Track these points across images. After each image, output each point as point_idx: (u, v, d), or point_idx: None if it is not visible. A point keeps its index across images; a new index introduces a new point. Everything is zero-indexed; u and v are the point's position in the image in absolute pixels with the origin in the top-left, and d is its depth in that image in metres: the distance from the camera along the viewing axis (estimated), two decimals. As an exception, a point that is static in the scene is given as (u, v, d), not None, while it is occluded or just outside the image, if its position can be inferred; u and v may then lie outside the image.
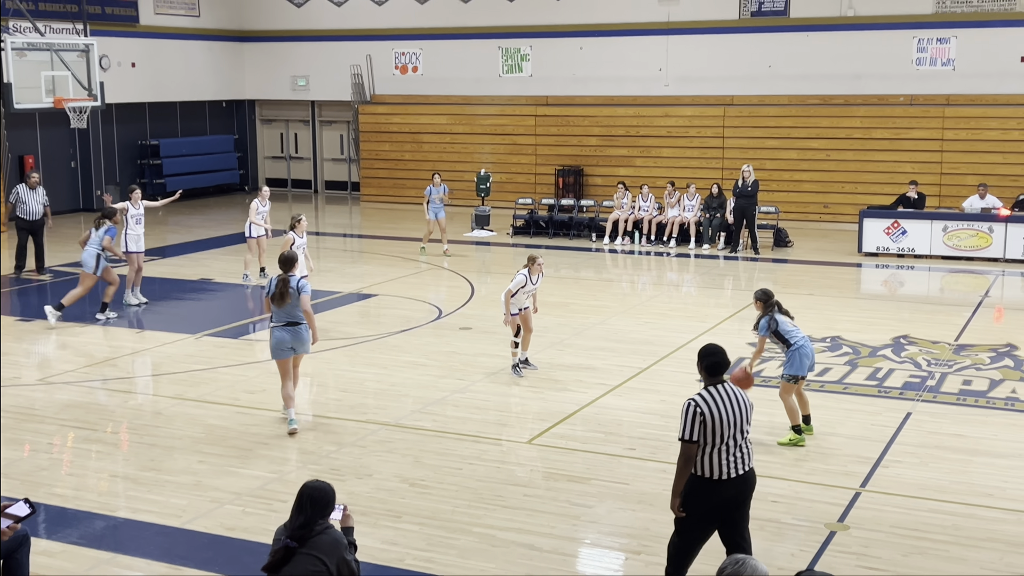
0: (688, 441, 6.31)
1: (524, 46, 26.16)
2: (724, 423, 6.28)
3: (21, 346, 13.39)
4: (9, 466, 9.16)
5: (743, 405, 6.41)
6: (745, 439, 6.41)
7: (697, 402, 6.34)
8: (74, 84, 19.29)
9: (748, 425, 6.42)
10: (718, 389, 6.39)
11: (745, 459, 6.40)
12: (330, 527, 5.46)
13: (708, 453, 6.31)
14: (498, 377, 11.74)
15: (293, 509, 5.41)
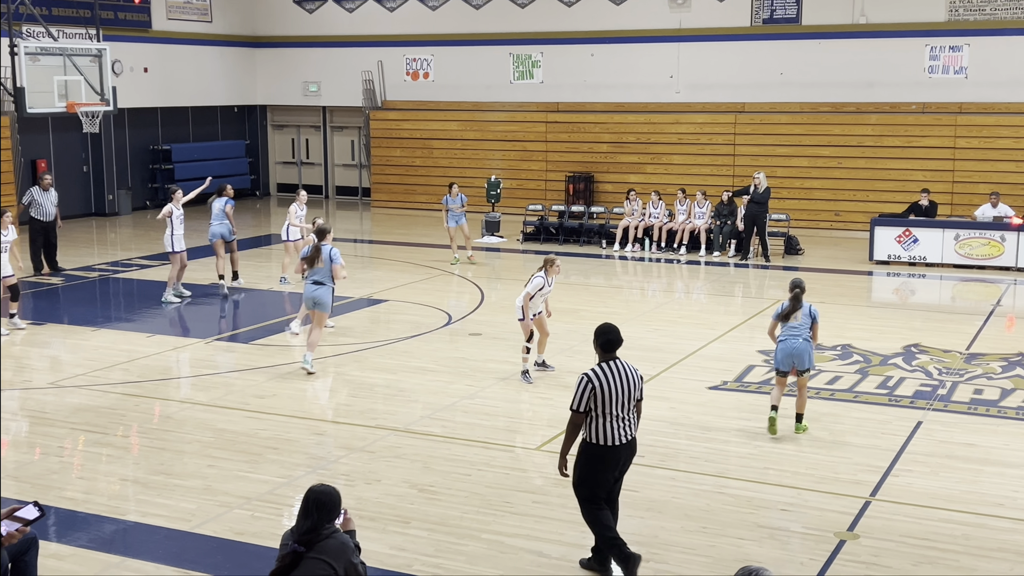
0: (576, 411, 6.98)
1: (535, 52, 26.19)
2: (614, 395, 6.93)
3: (32, 349, 13.43)
4: (19, 469, 9.19)
5: (632, 380, 7.05)
6: (631, 411, 7.06)
7: (590, 376, 6.98)
8: (87, 89, 19.38)
9: (637, 395, 7.10)
10: (610, 365, 7.05)
11: (630, 428, 7.06)
12: (337, 531, 5.47)
13: (600, 422, 6.95)
14: (508, 383, 11.73)
15: (299, 514, 5.41)
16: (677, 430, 10.20)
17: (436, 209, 25.78)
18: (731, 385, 11.72)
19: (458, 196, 19.29)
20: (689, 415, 10.64)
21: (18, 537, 3.88)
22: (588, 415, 6.97)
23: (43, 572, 6.89)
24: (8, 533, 3.83)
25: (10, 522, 3.87)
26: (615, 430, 6.98)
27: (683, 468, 9.20)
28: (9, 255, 14.01)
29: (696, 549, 7.58)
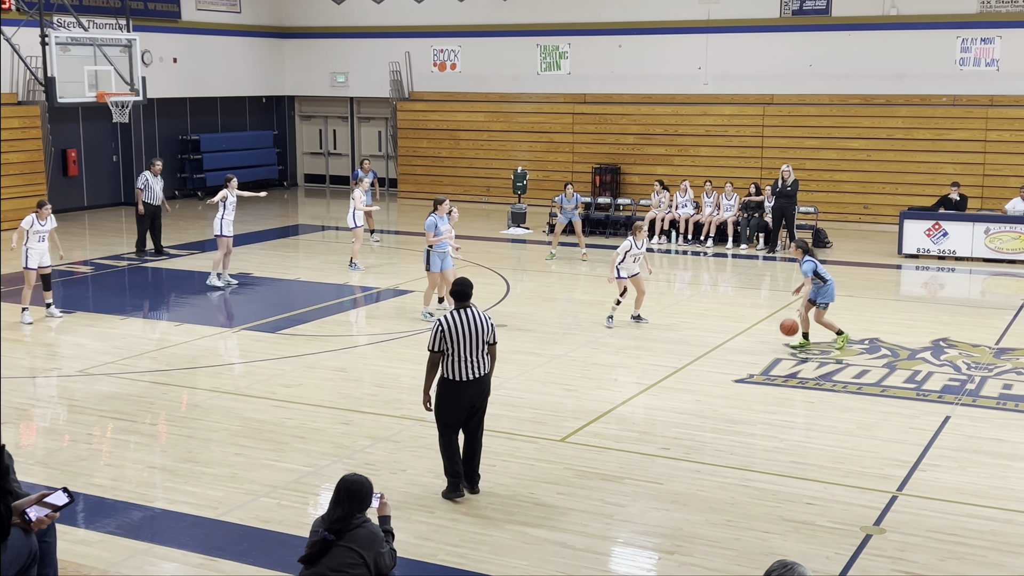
0: (431, 351, 8.09)
1: (562, 43, 26.13)
2: (463, 338, 8.02)
3: (62, 337, 13.56)
4: (49, 456, 9.29)
5: (480, 326, 8.12)
6: (482, 352, 8.12)
7: (442, 321, 8.11)
8: (116, 79, 19.53)
9: (488, 339, 8.14)
10: (461, 312, 8.12)
11: (482, 367, 8.14)
12: (367, 521, 5.51)
13: (452, 360, 8.06)
14: (533, 374, 11.74)
15: (331, 502, 5.45)
16: (702, 423, 10.18)
17: (463, 200, 25.84)
18: (757, 378, 11.68)
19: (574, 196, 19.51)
20: (715, 408, 10.61)
21: (47, 523, 3.93)
22: (443, 355, 8.05)
23: (71, 558, 6.96)
24: (37, 519, 3.87)
25: (39, 508, 3.91)
26: (465, 367, 8.06)
27: (708, 461, 9.18)
28: (49, 243, 14.19)
29: (721, 542, 7.57)
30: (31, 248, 14.02)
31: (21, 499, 3.98)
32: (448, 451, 8.25)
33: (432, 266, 14.04)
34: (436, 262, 14.02)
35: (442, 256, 14.06)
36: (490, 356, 8.26)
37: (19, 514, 3.83)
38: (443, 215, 14.07)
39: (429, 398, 8.27)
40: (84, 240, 21.48)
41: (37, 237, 14.05)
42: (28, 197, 21.75)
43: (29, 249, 14.02)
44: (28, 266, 14.04)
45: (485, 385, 8.26)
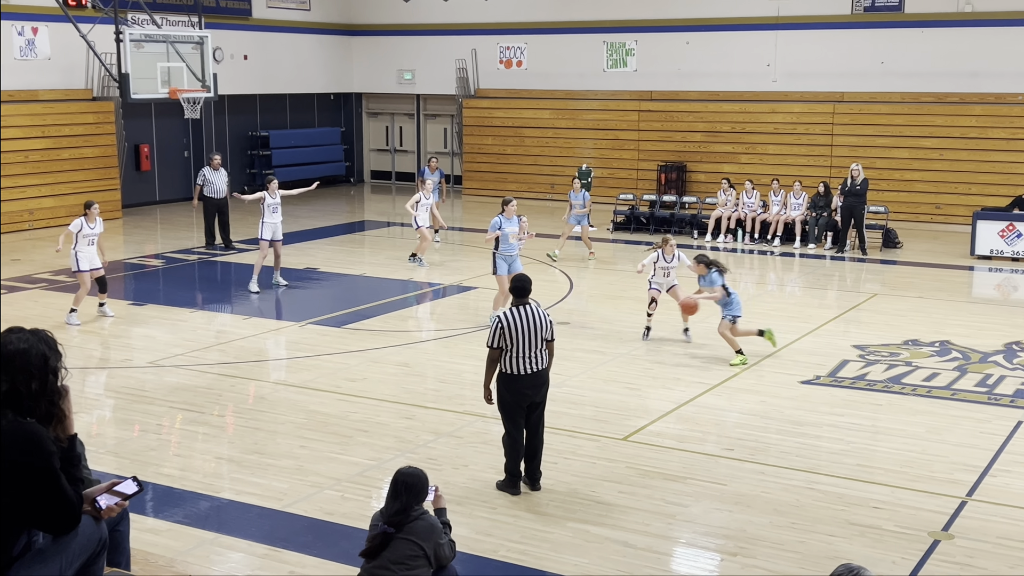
0: (490, 347, 8.20)
1: (629, 40, 26.01)
2: (522, 334, 8.11)
3: (133, 329, 13.83)
4: (119, 445, 9.49)
5: (539, 322, 8.19)
6: (540, 348, 8.21)
7: (501, 318, 8.17)
8: (188, 76, 19.86)
9: (546, 335, 8.22)
10: (520, 309, 8.22)
11: (539, 362, 8.22)
12: (426, 512, 5.55)
13: (511, 356, 8.15)
14: (595, 372, 11.71)
15: (388, 496, 5.49)
16: (767, 424, 10.07)
17: (527, 197, 25.84)
18: (824, 380, 11.52)
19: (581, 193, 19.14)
20: (780, 409, 10.49)
21: (117, 511, 4.00)
22: (503, 351, 8.15)
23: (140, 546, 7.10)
24: (107, 507, 3.95)
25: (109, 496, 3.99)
26: (523, 362, 8.16)
27: (773, 463, 9.07)
28: (96, 248, 13.92)
29: (785, 545, 7.48)
30: (80, 251, 13.73)
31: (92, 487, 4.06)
32: (511, 448, 8.34)
33: (499, 269, 13.67)
34: (502, 266, 13.65)
35: (509, 260, 13.64)
36: (548, 352, 8.34)
37: (90, 502, 3.91)
38: (510, 216, 13.75)
39: (490, 392, 8.40)
40: (155, 234, 21.90)
41: (86, 240, 13.76)
42: (103, 192, 22.27)
43: (78, 252, 13.73)
44: (80, 269, 13.75)
45: (543, 379, 8.34)
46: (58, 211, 21.55)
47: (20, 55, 21.67)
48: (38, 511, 3.59)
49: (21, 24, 21.57)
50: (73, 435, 3.96)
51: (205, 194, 19.20)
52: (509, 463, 8.36)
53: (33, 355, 3.70)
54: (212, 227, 19.66)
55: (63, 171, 21.98)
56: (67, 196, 21.79)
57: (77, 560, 3.77)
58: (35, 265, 17.87)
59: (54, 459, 3.62)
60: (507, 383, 8.25)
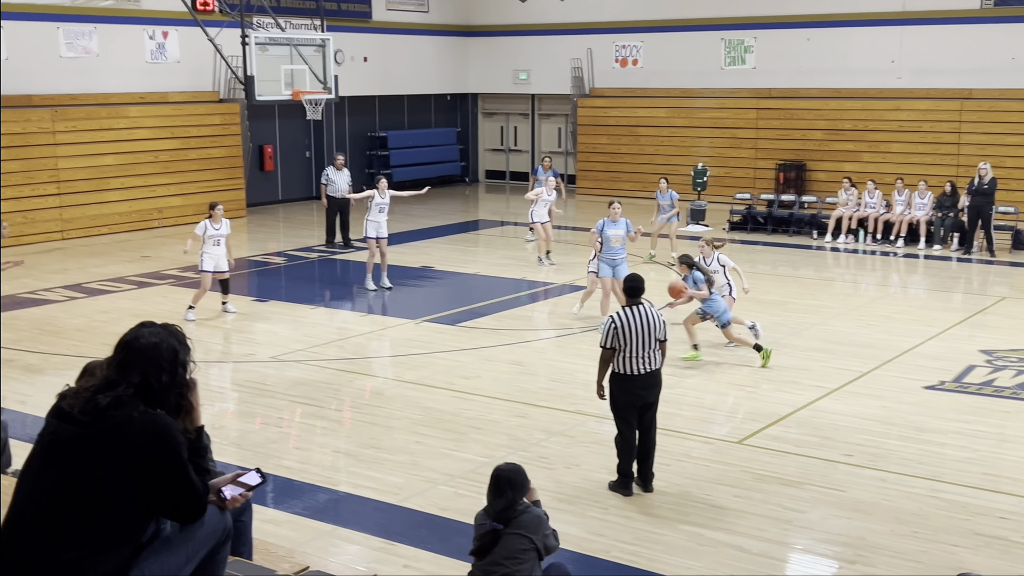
0: (603, 347, 8.22)
1: (748, 38, 25.62)
2: (635, 334, 8.11)
3: (256, 324, 14.21)
4: (242, 437, 9.77)
5: (652, 323, 8.19)
6: (653, 348, 8.19)
7: (614, 318, 8.19)
8: (311, 77, 20.32)
9: (659, 336, 8.22)
10: (633, 309, 8.24)
11: (652, 362, 8.22)
12: (530, 506, 5.59)
13: (623, 356, 8.15)
14: (710, 375, 11.58)
15: (491, 494, 5.55)
16: (889, 430, 9.81)
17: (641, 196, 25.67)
18: (949, 385, 11.16)
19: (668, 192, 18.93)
20: (902, 415, 10.20)
21: (241, 501, 4.11)
22: (616, 351, 8.14)
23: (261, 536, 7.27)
24: (232, 497, 4.07)
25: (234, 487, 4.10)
26: (637, 362, 8.14)
27: (894, 470, 8.83)
28: (224, 248, 14.19)
29: (906, 554, 7.27)
30: (206, 251, 14.05)
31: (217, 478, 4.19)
32: (623, 448, 8.32)
33: (601, 271, 13.63)
34: (605, 268, 13.58)
35: (612, 263, 13.54)
36: (661, 352, 8.33)
37: (215, 492, 4.02)
38: (615, 219, 13.63)
39: (603, 390, 8.43)
40: (278, 232, 22.47)
41: (212, 241, 14.06)
42: (228, 191, 22.96)
43: (204, 252, 14.06)
44: (204, 268, 14.07)
45: (655, 380, 8.32)
46: (186, 209, 22.30)
47: (151, 58, 22.48)
48: (167, 500, 3.72)
49: (152, 28, 22.39)
50: (200, 427, 4.10)
51: (328, 193, 19.62)
52: (622, 463, 8.34)
53: (164, 349, 3.83)
54: (333, 226, 20.09)
55: (191, 171, 22.73)
56: (194, 195, 22.53)
57: (203, 548, 3.90)
58: (163, 262, 18.52)
59: (183, 450, 3.75)
60: (620, 383, 8.25)
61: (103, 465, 3.62)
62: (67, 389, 3.86)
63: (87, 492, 3.60)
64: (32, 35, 20.23)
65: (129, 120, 21.69)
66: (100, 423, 3.65)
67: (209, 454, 4.23)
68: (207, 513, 3.87)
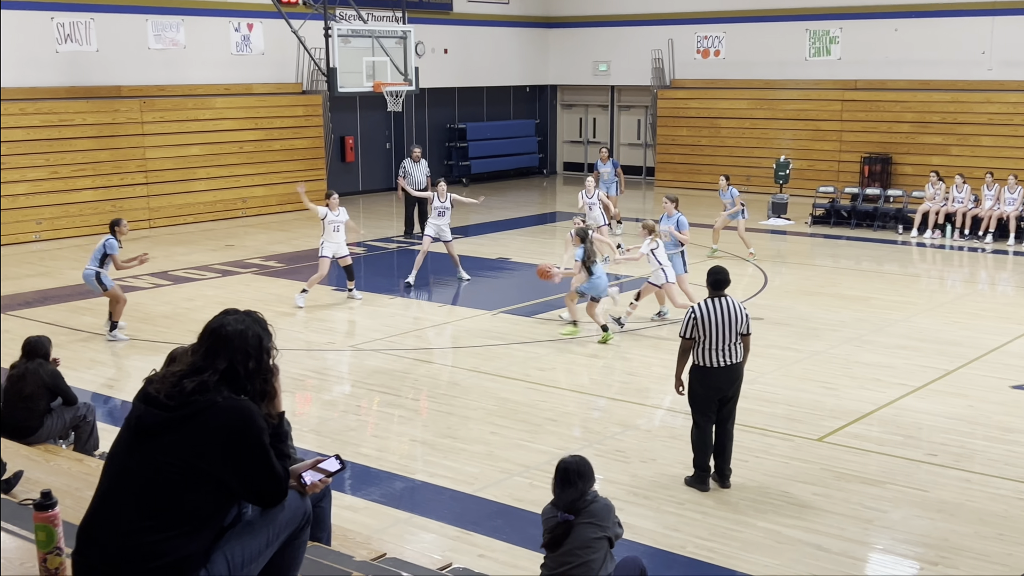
0: (682, 337, 8.16)
1: (833, 28, 25.15)
2: (715, 326, 8.02)
3: (336, 314, 14.39)
4: (321, 424, 9.91)
5: (735, 315, 8.10)
6: (734, 341, 8.09)
7: (695, 308, 8.15)
8: (392, 69, 20.46)
9: (741, 329, 8.12)
10: (716, 300, 8.14)
11: (733, 355, 8.11)
12: (597, 494, 5.61)
13: (703, 348, 8.08)
14: (789, 370, 11.42)
15: (558, 486, 5.57)
16: (974, 429, 9.58)
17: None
18: (1038, 385, 10.85)
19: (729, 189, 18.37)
20: (988, 415, 9.95)
21: (321, 487, 4.17)
22: (695, 342, 8.08)
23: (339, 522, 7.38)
24: (312, 483, 4.13)
25: (314, 472, 4.16)
26: (716, 355, 8.06)
27: (979, 470, 8.62)
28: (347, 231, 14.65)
29: (990, 556, 7.10)
30: (326, 239, 14.52)
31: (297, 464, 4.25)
32: (700, 443, 8.25)
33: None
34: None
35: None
36: (743, 346, 8.21)
37: (296, 477, 4.08)
38: (671, 214, 13.68)
39: (681, 382, 8.35)
40: (357, 223, 22.63)
41: (332, 227, 14.53)
42: (310, 181, 23.21)
43: (324, 240, 14.55)
44: (323, 254, 14.50)
45: (736, 374, 8.20)
46: (268, 200, 22.67)
47: (236, 50, 22.87)
48: (249, 484, 3.79)
49: (238, 20, 22.77)
50: (281, 412, 4.17)
51: (405, 185, 19.78)
52: (698, 458, 8.26)
53: (250, 335, 3.90)
54: (411, 217, 20.24)
55: (274, 161, 23.09)
56: (277, 186, 22.90)
57: (283, 532, 3.96)
58: (247, 251, 18.85)
59: (265, 435, 3.81)
60: (699, 375, 8.17)
61: (188, 449, 3.69)
62: (154, 374, 3.95)
63: (172, 475, 3.68)
64: (122, 27, 20.71)
65: (214, 111, 22.11)
66: (185, 408, 3.73)
67: (290, 440, 4.29)
68: (288, 498, 3.93)
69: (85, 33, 20.25)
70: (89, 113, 20.09)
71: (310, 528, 4.19)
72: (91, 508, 3.81)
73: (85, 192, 20.06)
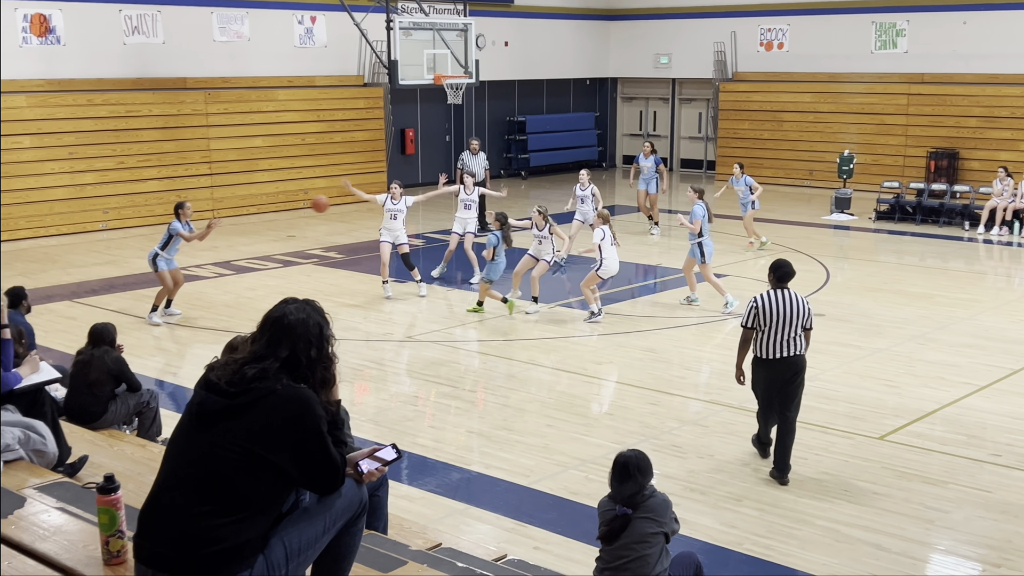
0: (744, 327, 8.25)
1: (900, 20, 24.72)
2: (776, 317, 8.08)
3: (395, 305, 14.46)
4: (379, 414, 9.98)
5: (797, 308, 8.14)
6: (795, 334, 8.13)
7: (756, 299, 8.21)
8: (452, 62, 20.51)
9: (803, 322, 8.14)
10: (777, 292, 8.20)
11: (793, 347, 8.16)
12: (656, 490, 5.59)
13: (763, 338, 8.17)
14: (851, 367, 11.26)
15: (616, 479, 5.55)
16: (1041, 431, 9.37)
17: (783, 183, 25.14)
18: (1109, 387, 10.58)
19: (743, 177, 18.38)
20: (1056, 416, 9.73)
21: (377, 476, 4.20)
22: (756, 332, 8.18)
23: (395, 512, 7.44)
24: (368, 471, 4.16)
25: (371, 461, 4.19)
26: (776, 346, 8.13)
27: (1046, 473, 8.44)
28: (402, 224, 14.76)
29: (1057, 561, 6.94)
30: (384, 226, 14.71)
31: (354, 452, 4.28)
32: (762, 419, 8.59)
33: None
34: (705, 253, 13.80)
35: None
36: (804, 339, 8.26)
37: (352, 466, 4.12)
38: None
39: (742, 372, 8.45)
40: (417, 215, 22.77)
41: (389, 215, 14.69)
42: (370, 173, 23.43)
43: (382, 227, 14.74)
44: (382, 240, 14.75)
45: (796, 366, 8.24)
46: (330, 191, 22.84)
47: (299, 43, 23.08)
48: (307, 471, 3.83)
49: (301, 13, 22.97)
50: (338, 400, 4.20)
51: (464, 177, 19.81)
52: (759, 430, 8.66)
53: (311, 324, 3.95)
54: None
55: (335, 153, 23.27)
56: (338, 177, 23.04)
57: (340, 520, 4.00)
58: (308, 242, 19.04)
59: (323, 423, 3.85)
60: (759, 366, 8.28)
61: (248, 436, 3.74)
62: (215, 361, 4.01)
63: (231, 461, 3.73)
64: (188, 20, 21.00)
65: (277, 103, 22.34)
66: (246, 395, 3.77)
67: (347, 428, 4.33)
68: (345, 486, 3.97)
69: (152, 25, 20.57)
70: (155, 104, 20.41)
71: (366, 516, 4.22)
72: (152, 492, 3.87)
73: (151, 182, 20.38)
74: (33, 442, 6.12)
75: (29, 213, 18.78)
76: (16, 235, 18.55)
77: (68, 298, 14.54)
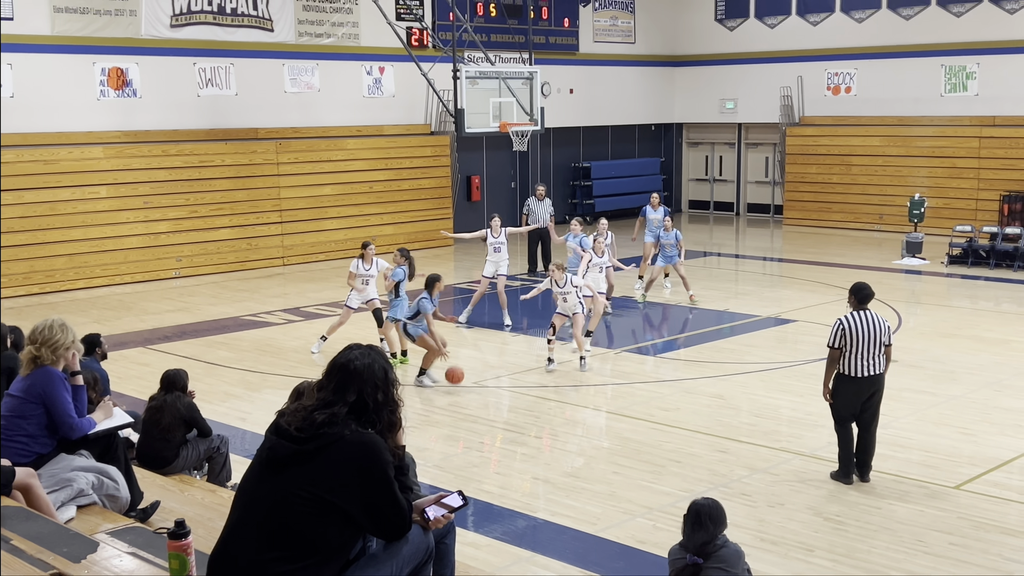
0: (830, 347, 8.86)
1: (970, 63, 24.42)
2: (860, 337, 8.71)
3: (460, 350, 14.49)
4: (445, 460, 9.98)
5: (878, 327, 8.80)
6: (878, 352, 8.77)
7: (842, 320, 8.84)
8: (518, 110, 20.69)
9: (885, 340, 8.79)
10: (860, 313, 8.85)
11: (875, 366, 8.80)
12: (727, 540, 5.50)
13: (848, 357, 8.76)
14: (925, 415, 11.02)
15: (688, 528, 5.50)
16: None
17: (853, 228, 24.84)
18: None
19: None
20: None
21: (443, 523, 4.21)
22: (841, 352, 8.76)
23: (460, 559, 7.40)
24: (435, 518, 4.17)
25: (437, 508, 4.20)
26: (861, 364, 8.75)
27: None
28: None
29: None
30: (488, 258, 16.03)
31: (420, 499, 4.29)
32: (842, 439, 9.00)
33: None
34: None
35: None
36: (885, 356, 8.89)
37: (419, 512, 4.13)
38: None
39: (829, 390, 9.02)
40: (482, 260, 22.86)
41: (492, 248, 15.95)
42: (437, 220, 23.65)
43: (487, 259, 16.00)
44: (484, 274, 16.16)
45: (878, 383, 8.91)
46: (397, 238, 23.06)
47: (368, 93, 23.48)
48: (374, 516, 3.84)
49: (370, 64, 23.39)
50: (403, 446, 4.23)
51: (530, 223, 19.96)
52: (841, 451, 9.00)
53: (376, 368, 4.00)
54: (535, 254, 20.40)
55: (402, 200, 23.56)
56: (405, 224, 23.34)
57: (407, 567, 4.00)
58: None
59: (391, 468, 3.87)
60: (843, 383, 8.87)
61: (317, 481, 3.78)
62: (285, 407, 4.06)
63: (300, 507, 3.76)
64: (260, 72, 21.51)
65: (346, 152, 22.71)
66: (315, 440, 3.82)
67: (412, 474, 4.35)
68: (411, 532, 3.98)
69: (225, 78, 21.10)
70: (228, 154, 20.88)
71: (433, 563, 4.22)
72: (222, 538, 3.92)
73: (223, 231, 20.80)
74: (106, 487, 6.23)
75: (105, 261, 19.26)
76: (92, 283, 19.03)
77: (142, 344, 14.83)
